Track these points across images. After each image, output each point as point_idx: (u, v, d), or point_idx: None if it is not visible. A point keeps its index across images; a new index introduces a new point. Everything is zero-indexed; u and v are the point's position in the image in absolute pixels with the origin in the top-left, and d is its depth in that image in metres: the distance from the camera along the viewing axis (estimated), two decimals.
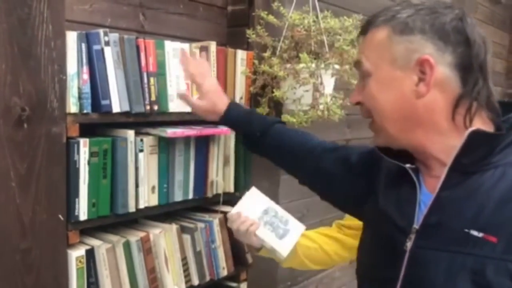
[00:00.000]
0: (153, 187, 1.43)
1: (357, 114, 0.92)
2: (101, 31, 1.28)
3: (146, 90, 1.38)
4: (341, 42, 1.56)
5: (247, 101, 1.70)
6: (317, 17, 1.60)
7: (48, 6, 1.15)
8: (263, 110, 1.65)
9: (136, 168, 1.37)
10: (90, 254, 1.29)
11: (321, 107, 1.53)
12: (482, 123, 0.79)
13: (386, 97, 0.81)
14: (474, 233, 0.72)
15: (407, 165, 0.83)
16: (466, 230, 0.73)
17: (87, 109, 1.26)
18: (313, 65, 1.52)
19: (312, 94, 1.54)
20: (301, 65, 1.52)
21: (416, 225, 0.79)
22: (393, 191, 0.87)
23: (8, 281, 1.13)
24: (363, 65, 0.84)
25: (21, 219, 1.15)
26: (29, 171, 1.16)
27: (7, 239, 1.13)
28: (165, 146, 1.45)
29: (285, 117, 1.57)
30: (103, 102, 1.29)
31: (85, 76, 1.26)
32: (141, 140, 1.38)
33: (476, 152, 0.76)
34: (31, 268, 1.17)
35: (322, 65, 1.53)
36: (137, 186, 1.38)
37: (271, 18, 1.62)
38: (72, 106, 1.23)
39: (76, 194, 1.25)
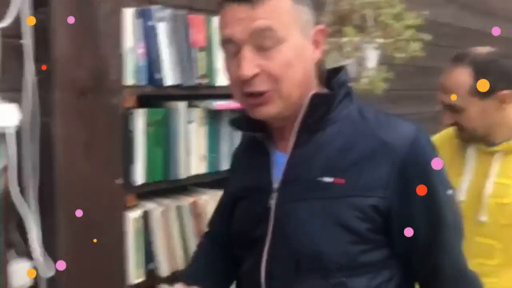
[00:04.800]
0: (202, 156, 1.51)
1: (397, 90, 0.94)
2: (154, 7, 1.35)
3: (196, 64, 1.45)
4: (386, 16, 1.58)
5: None
6: None
7: None
8: None
9: (187, 138, 1.46)
10: (146, 216, 1.39)
11: (364, 80, 1.56)
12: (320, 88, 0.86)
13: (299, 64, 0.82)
14: (326, 179, 0.81)
15: (257, 134, 0.89)
16: (319, 178, 0.81)
17: (143, 82, 1.35)
18: (357, 39, 1.54)
19: (356, 68, 1.57)
20: (345, 38, 1.55)
21: (276, 184, 0.84)
22: (250, 162, 0.92)
23: (74, 241, 1.24)
24: (276, 30, 0.79)
25: (83, 183, 1.25)
26: (91, 139, 1.26)
27: (72, 202, 1.23)
28: (213, 118, 1.53)
29: None
30: (157, 75, 1.37)
31: (141, 50, 1.34)
32: (191, 112, 1.46)
33: (317, 112, 0.82)
34: (94, 229, 1.28)
35: (366, 39, 1.55)
36: (187, 154, 1.47)
37: None
38: (129, 79, 1.32)
39: (133, 161, 1.35)
